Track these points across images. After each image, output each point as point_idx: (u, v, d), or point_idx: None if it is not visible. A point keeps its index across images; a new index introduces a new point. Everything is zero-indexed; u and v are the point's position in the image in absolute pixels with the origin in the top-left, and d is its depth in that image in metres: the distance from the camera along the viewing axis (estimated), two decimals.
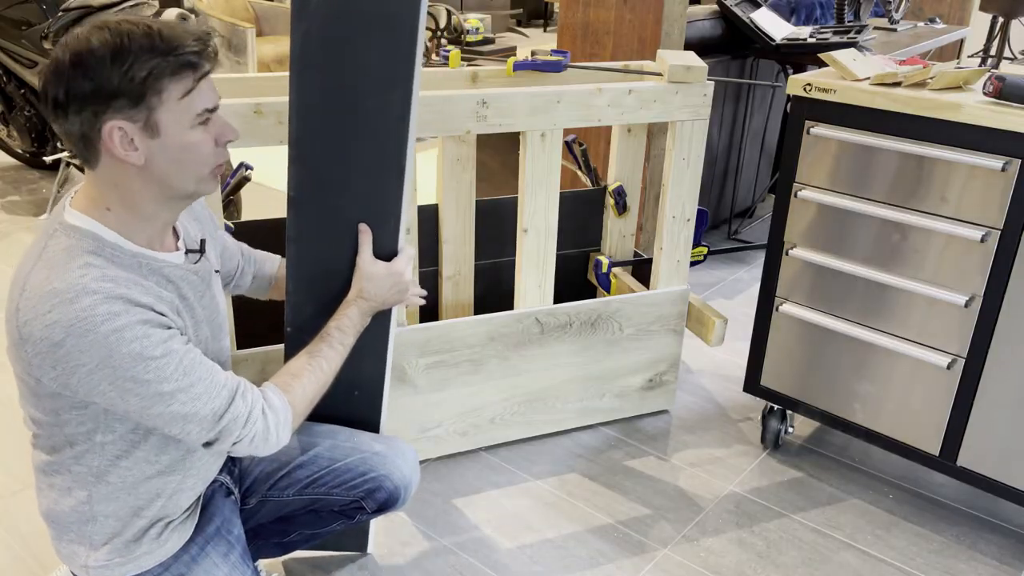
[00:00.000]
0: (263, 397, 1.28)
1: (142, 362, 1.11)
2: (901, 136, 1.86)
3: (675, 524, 2.07)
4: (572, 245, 2.66)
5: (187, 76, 1.14)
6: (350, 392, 1.61)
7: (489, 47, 6.07)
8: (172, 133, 1.15)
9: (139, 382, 1.12)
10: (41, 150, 4.33)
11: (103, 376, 1.11)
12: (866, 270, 1.99)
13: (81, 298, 1.08)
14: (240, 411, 1.23)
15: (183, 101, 1.14)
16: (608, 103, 2.07)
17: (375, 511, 1.57)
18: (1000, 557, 1.98)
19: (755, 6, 3.62)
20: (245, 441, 1.24)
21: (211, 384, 1.20)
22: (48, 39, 3.04)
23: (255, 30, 5.73)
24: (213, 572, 1.36)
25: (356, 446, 1.56)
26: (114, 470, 1.25)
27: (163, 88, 1.12)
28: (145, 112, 1.12)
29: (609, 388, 2.39)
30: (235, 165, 2.29)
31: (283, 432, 1.29)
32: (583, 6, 3.20)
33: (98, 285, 1.10)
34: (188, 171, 1.18)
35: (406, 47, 1.39)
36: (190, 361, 1.18)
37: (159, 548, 1.32)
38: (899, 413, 2.04)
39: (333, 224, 1.47)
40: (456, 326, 2.12)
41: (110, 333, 1.09)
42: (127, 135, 1.12)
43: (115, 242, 1.17)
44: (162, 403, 1.15)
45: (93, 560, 1.29)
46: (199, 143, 1.18)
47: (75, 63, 1.09)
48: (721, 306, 3.15)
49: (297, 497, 1.55)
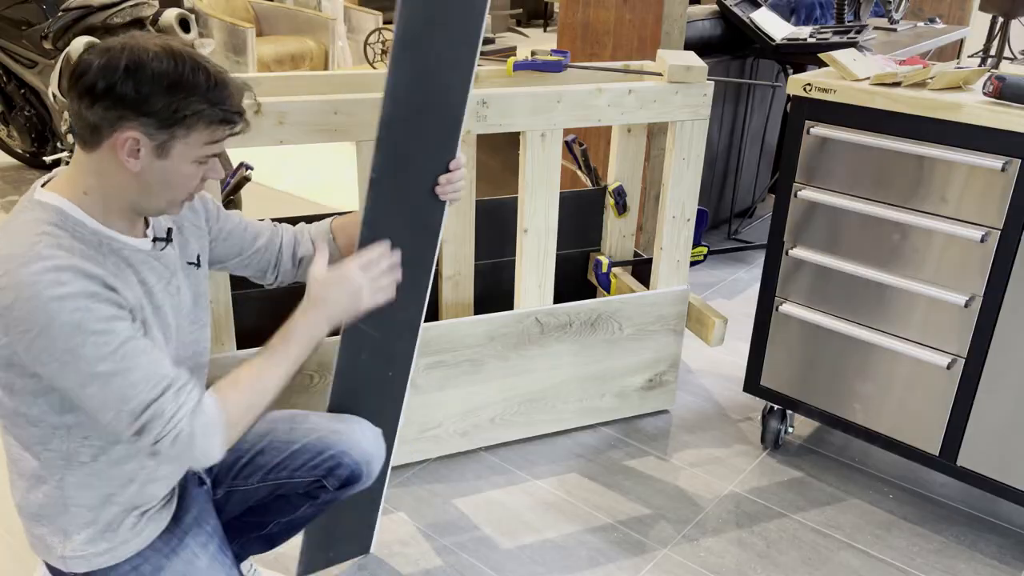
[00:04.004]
0: (199, 401, 1.24)
1: (80, 335, 1.11)
2: (901, 136, 1.86)
3: (675, 524, 2.07)
4: (572, 245, 2.66)
5: (222, 129, 1.21)
6: (385, 374, 1.61)
7: (489, 47, 6.07)
8: (177, 162, 1.20)
9: (76, 356, 1.11)
10: (41, 150, 4.33)
11: (43, 345, 1.10)
12: (866, 270, 1.99)
13: (31, 263, 1.10)
14: (166, 407, 1.18)
15: (202, 146, 1.20)
16: (608, 103, 2.07)
17: (338, 488, 1.56)
18: (1000, 557, 1.98)
19: (755, 6, 3.62)
20: (167, 440, 1.19)
21: (150, 373, 1.17)
22: (48, 39, 3.04)
23: (255, 30, 5.74)
24: (193, 562, 1.35)
25: (314, 427, 1.54)
26: (83, 452, 1.24)
27: (196, 129, 1.18)
28: (166, 136, 1.16)
29: (609, 388, 2.39)
30: (235, 165, 2.29)
31: (211, 439, 1.23)
32: (583, 6, 3.20)
33: (50, 252, 1.11)
34: (168, 193, 1.23)
35: (474, 30, 1.45)
36: (133, 346, 1.16)
37: (136, 537, 1.31)
38: (899, 413, 2.04)
39: (403, 205, 1.49)
40: (456, 326, 2.12)
41: (51, 300, 1.09)
42: (137, 145, 1.16)
43: (79, 219, 1.19)
44: (98, 383, 1.13)
45: (69, 550, 1.28)
46: (190, 176, 1.23)
47: (130, 69, 1.12)
48: (721, 306, 3.15)
49: (261, 484, 1.54)
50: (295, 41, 6.17)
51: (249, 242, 1.56)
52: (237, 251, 1.55)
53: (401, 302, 1.55)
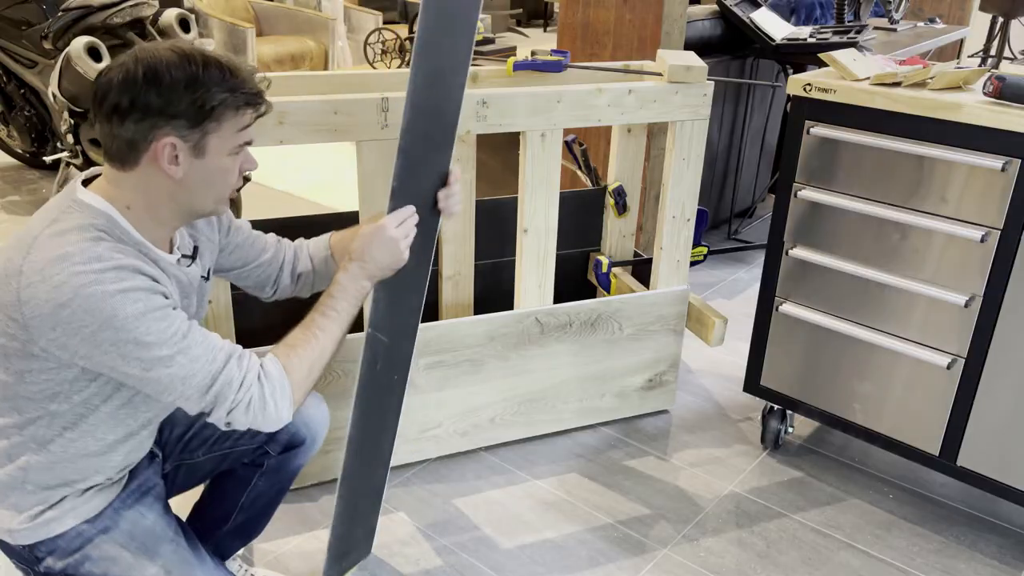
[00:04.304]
0: (260, 366, 1.29)
1: (144, 323, 1.16)
2: (901, 136, 1.86)
3: (675, 524, 2.07)
4: (572, 245, 2.66)
5: (248, 113, 1.25)
6: (392, 377, 1.62)
7: (489, 47, 6.07)
8: (214, 157, 1.24)
9: (141, 344, 1.16)
10: (41, 150, 4.33)
11: (106, 337, 1.15)
12: (866, 270, 1.99)
13: (92, 262, 1.14)
14: (233, 375, 1.24)
15: (235, 134, 1.24)
16: (608, 103, 2.07)
17: (281, 453, 1.58)
18: (1000, 557, 1.98)
19: (755, 6, 3.62)
20: (240, 408, 1.25)
21: (208, 347, 1.23)
22: (48, 39, 3.04)
23: (255, 30, 5.74)
24: (140, 522, 1.36)
25: None
26: (59, 440, 1.26)
27: (225, 119, 1.22)
28: (199, 134, 1.21)
29: (609, 388, 2.39)
30: None
31: (281, 401, 1.29)
32: (583, 6, 3.20)
33: (109, 254, 1.16)
34: (214, 192, 1.28)
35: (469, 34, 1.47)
36: (187, 326, 1.22)
37: (84, 505, 1.32)
38: (899, 413, 2.04)
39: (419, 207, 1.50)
40: (456, 326, 2.12)
41: (116, 293, 1.14)
42: (175, 151, 1.20)
43: (125, 227, 1.23)
44: (162, 365, 1.19)
45: (17, 523, 1.29)
46: (230, 169, 1.27)
47: (149, 78, 1.17)
48: (721, 306, 3.15)
49: (208, 456, 1.56)
50: (295, 41, 6.17)
51: (255, 255, 1.58)
52: (243, 263, 1.57)
53: (403, 305, 1.56)
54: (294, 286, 1.65)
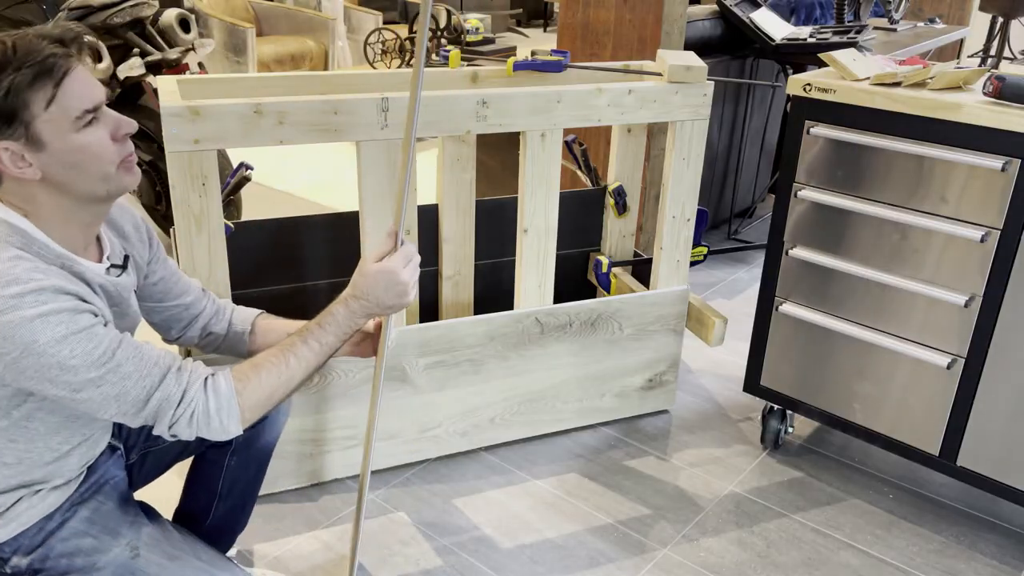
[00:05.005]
0: (209, 378, 1.25)
1: (67, 347, 1.12)
2: (901, 136, 1.86)
3: (675, 524, 2.07)
4: (572, 245, 2.67)
5: (46, 84, 1.13)
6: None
7: (489, 47, 6.07)
8: (57, 140, 1.15)
9: (66, 368, 1.13)
10: None
11: (29, 364, 1.11)
12: (866, 270, 1.99)
13: (10, 286, 1.10)
14: (171, 390, 1.21)
15: (52, 109, 1.14)
16: (608, 103, 2.07)
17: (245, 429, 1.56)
18: (1000, 557, 1.98)
19: (755, 6, 3.62)
20: (182, 422, 1.22)
21: (141, 363, 1.19)
22: None
23: (255, 30, 5.73)
24: (99, 508, 1.35)
25: None
26: (11, 452, 1.24)
27: (28, 101, 1.12)
28: (21, 128, 1.12)
29: (609, 388, 2.39)
30: (235, 165, 2.29)
31: (227, 418, 1.25)
32: (583, 6, 3.20)
33: (28, 275, 1.11)
34: (89, 173, 1.19)
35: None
36: (118, 343, 1.18)
37: (41, 503, 1.31)
38: (899, 413, 2.04)
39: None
40: (456, 326, 2.12)
41: (35, 318, 1.10)
42: (15, 154, 1.13)
43: (43, 241, 1.18)
44: (92, 386, 1.16)
45: None
46: (91, 143, 1.18)
47: None
48: (721, 306, 3.15)
49: (173, 442, 1.53)
50: (295, 41, 6.17)
51: (174, 295, 1.53)
52: (159, 298, 1.52)
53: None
54: (200, 340, 1.60)
